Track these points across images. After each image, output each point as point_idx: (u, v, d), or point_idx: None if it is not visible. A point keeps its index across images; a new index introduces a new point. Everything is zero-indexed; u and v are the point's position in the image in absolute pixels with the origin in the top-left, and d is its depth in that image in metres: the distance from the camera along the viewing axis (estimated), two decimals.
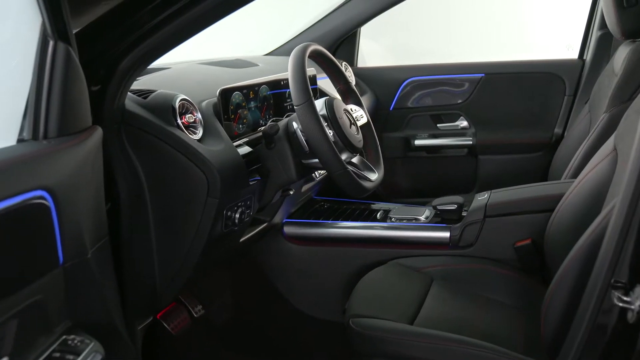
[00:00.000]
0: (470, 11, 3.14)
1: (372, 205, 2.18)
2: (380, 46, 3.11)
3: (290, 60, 1.49)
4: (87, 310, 1.06)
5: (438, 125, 2.74)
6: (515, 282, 1.71)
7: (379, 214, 2.08)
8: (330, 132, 1.50)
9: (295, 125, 1.52)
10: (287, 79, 1.62)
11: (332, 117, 1.52)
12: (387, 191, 2.77)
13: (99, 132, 1.08)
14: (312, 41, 2.62)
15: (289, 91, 1.72)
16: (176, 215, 1.41)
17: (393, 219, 2.00)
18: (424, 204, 2.11)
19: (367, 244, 1.96)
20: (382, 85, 2.73)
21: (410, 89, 2.71)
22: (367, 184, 1.57)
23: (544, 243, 1.63)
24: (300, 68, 1.46)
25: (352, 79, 2.58)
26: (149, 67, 1.75)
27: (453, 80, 2.68)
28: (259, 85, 1.70)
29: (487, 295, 1.65)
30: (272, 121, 1.67)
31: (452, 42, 3.11)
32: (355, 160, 1.66)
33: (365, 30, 2.80)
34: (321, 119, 1.46)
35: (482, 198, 1.88)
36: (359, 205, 2.18)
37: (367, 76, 2.73)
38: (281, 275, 2.09)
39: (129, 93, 1.36)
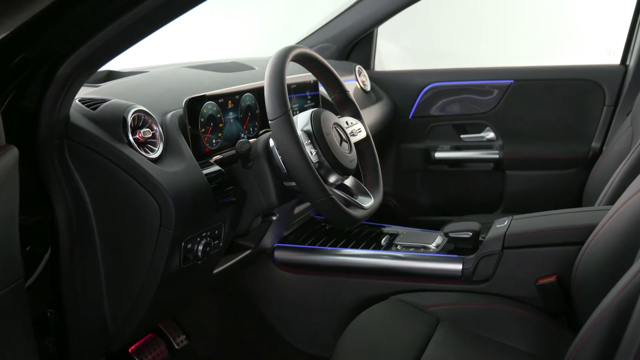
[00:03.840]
0: (499, 10, 2.98)
1: (379, 229, 1.98)
2: (399, 48, 2.97)
3: (268, 67, 1.28)
4: None
5: (461, 136, 2.57)
6: (535, 325, 1.50)
7: (384, 239, 1.88)
8: (313, 151, 1.29)
9: (272, 142, 1.32)
10: None
11: (317, 133, 1.31)
12: (404, 207, 2.62)
13: (11, 154, 0.92)
14: (325, 42, 2.51)
15: None
16: (126, 247, 1.23)
17: (399, 247, 1.80)
18: (443, 223, 1.92)
19: (367, 275, 1.76)
20: (400, 91, 2.58)
21: (431, 96, 2.55)
22: (357, 213, 1.34)
23: (572, 282, 1.43)
24: (277, 76, 1.25)
25: (367, 84, 2.40)
26: (122, 70, 1.60)
27: (479, 87, 2.51)
28: (241, 93, 1.49)
29: (501, 341, 1.45)
30: (262, 133, 1.49)
31: (478, 44, 2.95)
32: (348, 182, 1.44)
33: (382, 30, 2.65)
34: (301, 136, 1.26)
35: (501, 226, 1.66)
36: (365, 227, 1.98)
37: (384, 81, 2.58)
38: (271, 305, 1.91)
39: (78, 103, 1.20)
